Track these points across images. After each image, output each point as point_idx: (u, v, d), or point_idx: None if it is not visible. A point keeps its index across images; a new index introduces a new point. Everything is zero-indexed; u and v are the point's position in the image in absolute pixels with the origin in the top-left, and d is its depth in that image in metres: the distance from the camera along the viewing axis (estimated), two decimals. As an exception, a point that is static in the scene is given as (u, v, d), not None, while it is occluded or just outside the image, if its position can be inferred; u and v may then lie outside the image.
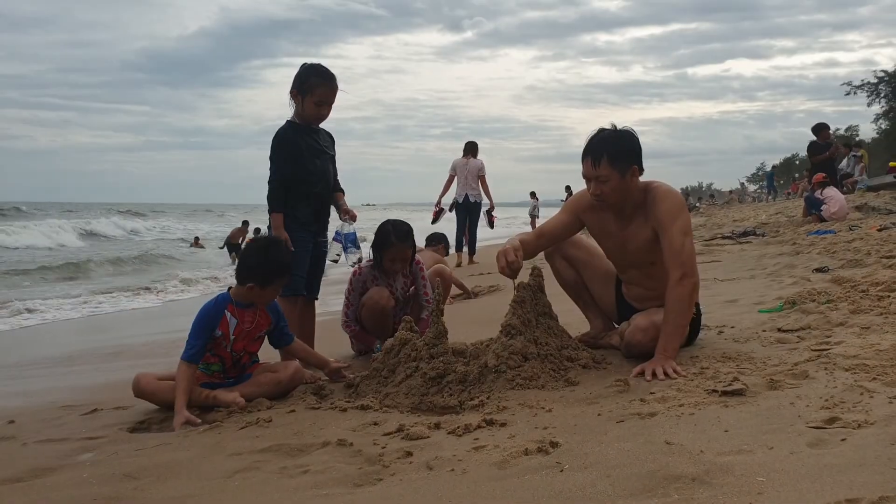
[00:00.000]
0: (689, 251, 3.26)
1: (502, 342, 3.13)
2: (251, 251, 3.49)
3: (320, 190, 4.09)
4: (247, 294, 3.38)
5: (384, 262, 4.31)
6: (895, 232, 8.05)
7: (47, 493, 2.30)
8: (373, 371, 3.36)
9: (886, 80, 38.66)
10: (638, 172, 3.33)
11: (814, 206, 11.74)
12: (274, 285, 3.41)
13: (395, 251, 4.28)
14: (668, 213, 3.28)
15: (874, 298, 4.17)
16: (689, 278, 3.20)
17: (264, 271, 3.37)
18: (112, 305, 9.81)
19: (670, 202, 3.31)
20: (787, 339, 3.47)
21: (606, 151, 3.27)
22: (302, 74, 3.97)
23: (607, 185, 3.29)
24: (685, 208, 3.38)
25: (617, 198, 3.34)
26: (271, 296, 3.46)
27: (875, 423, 2.14)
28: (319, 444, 2.53)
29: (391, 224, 4.34)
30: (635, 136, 3.36)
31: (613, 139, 3.31)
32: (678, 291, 3.19)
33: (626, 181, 3.29)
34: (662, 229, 3.28)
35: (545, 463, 2.10)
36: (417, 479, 2.10)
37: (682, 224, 3.28)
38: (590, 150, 3.31)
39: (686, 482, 1.85)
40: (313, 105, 3.96)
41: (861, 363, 2.81)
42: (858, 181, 19.06)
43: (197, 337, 3.32)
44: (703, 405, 2.50)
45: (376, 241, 4.34)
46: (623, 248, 3.48)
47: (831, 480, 1.77)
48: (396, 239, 4.27)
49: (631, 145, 3.33)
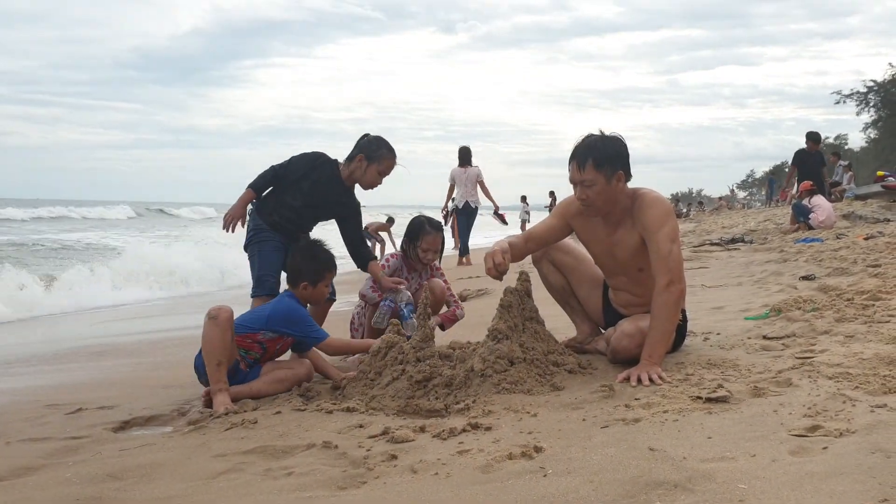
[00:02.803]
0: (677, 258, 3.27)
1: (489, 346, 3.13)
2: (297, 254, 3.79)
3: (298, 227, 4.21)
4: (302, 293, 3.71)
5: (418, 251, 4.46)
6: (882, 241, 8.11)
7: (29, 492, 2.28)
8: (359, 373, 3.36)
9: (876, 90, 38.91)
10: (624, 178, 3.34)
11: (802, 215, 11.81)
12: (325, 280, 3.74)
13: (429, 240, 4.45)
14: (656, 219, 3.30)
15: (859, 307, 4.20)
16: (676, 285, 3.22)
17: (313, 269, 3.70)
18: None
19: (658, 209, 3.33)
20: (771, 347, 3.49)
21: (592, 156, 3.28)
22: (372, 143, 4.21)
23: (593, 190, 3.30)
24: (673, 215, 3.39)
25: (603, 202, 3.35)
26: (323, 292, 3.78)
27: (857, 432, 2.15)
28: (304, 446, 2.53)
29: (425, 217, 4.60)
30: (622, 142, 3.37)
31: (599, 144, 3.32)
32: (665, 298, 3.21)
33: (611, 186, 3.31)
34: (649, 236, 3.30)
35: (529, 468, 2.11)
36: (401, 483, 2.11)
37: (670, 230, 3.29)
38: (576, 154, 3.33)
39: (668, 488, 1.86)
40: (376, 174, 4.20)
41: (844, 371, 2.83)
42: (846, 190, 19.19)
43: (311, 318, 3.65)
44: (688, 412, 2.52)
45: (410, 232, 4.53)
46: (611, 254, 3.49)
47: (812, 489, 1.79)
48: (431, 227, 4.48)
49: (617, 150, 3.34)
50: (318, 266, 3.72)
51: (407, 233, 4.56)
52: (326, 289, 3.80)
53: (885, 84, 38.57)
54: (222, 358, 3.32)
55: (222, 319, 3.34)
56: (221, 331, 3.33)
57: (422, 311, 3.40)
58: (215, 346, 3.32)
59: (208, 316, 3.37)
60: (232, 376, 3.39)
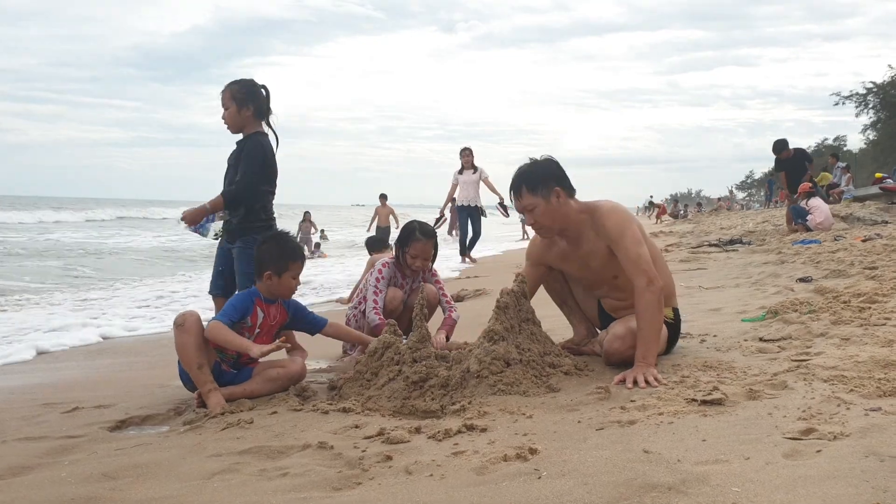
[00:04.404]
0: (646, 258, 3.31)
1: (485, 347, 3.14)
2: (262, 246, 3.68)
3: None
4: (268, 286, 3.57)
5: (406, 258, 4.39)
6: (879, 243, 8.11)
7: (25, 491, 2.29)
8: (356, 374, 3.37)
9: (875, 92, 38.94)
10: (563, 194, 3.40)
11: (799, 216, 11.82)
12: (290, 271, 3.58)
13: (418, 247, 4.37)
14: (616, 227, 3.36)
15: (855, 310, 4.20)
16: (654, 283, 3.25)
17: (276, 256, 3.57)
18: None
19: (615, 217, 3.39)
20: (767, 349, 3.50)
21: (524, 182, 3.40)
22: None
23: (537, 212, 3.40)
24: (632, 219, 3.44)
25: (551, 222, 3.43)
26: (289, 284, 3.61)
27: (851, 435, 2.16)
28: (300, 446, 2.53)
29: (417, 222, 4.51)
30: (553, 161, 3.47)
31: (528, 170, 3.43)
32: (646, 298, 3.24)
33: (552, 204, 3.38)
34: (615, 244, 3.36)
35: (523, 469, 2.11)
36: (396, 484, 2.11)
37: (632, 234, 3.35)
38: (512, 186, 3.46)
39: (662, 491, 1.86)
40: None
41: (839, 374, 2.83)
42: (844, 191, 19.20)
43: (234, 311, 3.49)
44: (683, 414, 2.52)
45: (401, 237, 4.46)
46: (585, 268, 3.56)
47: (805, 492, 1.79)
48: (421, 235, 4.38)
49: (547, 171, 3.42)
50: (282, 253, 3.59)
51: (398, 238, 4.51)
52: (294, 281, 3.63)
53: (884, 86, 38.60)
54: (202, 361, 3.32)
55: (189, 324, 3.35)
56: (191, 335, 3.34)
57: (418, 311, 3.41)
58: (190, 352, 3.32)
59: (175, 325, 3.39)
60: (218, 378, 3.40)
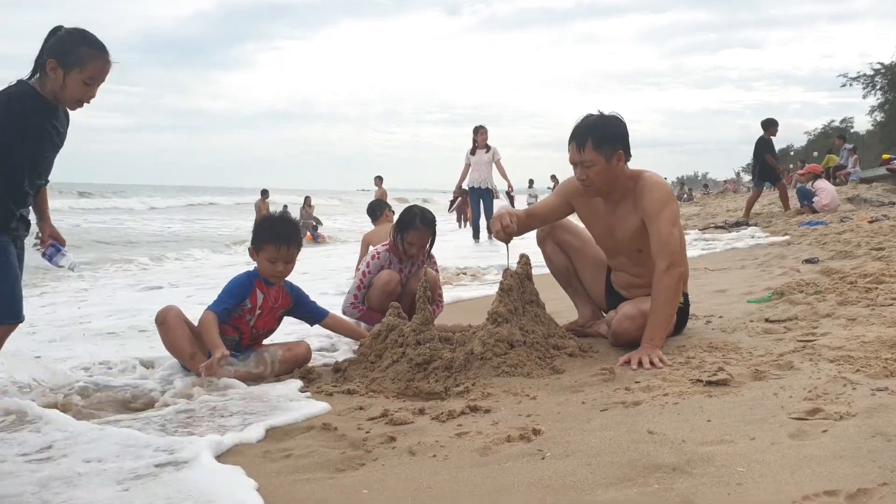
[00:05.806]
0: (677, 241, 3.26)
1: (488, 329, 3.12)
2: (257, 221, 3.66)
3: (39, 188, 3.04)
4: (258, 262, 3.49)
5: (404, 244, 4.33)
6: (886, 224, 8.07)
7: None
8: (360, 356, 3.36)
9: (882, 73, 38.58)
10: (624, 158, 3.32)
11: (805, 198, 11.77)
12: (265, 252, 3.45)
13: (416, 235, 4.30)
14: (657, 202, 3.28)
15: (862, 290, 4.18)
16: (676, 268, 3.20)
17: (255, 233, 3.52)
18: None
19: (658, 192, 3.31)
20: (773, 330, 3.48)
21: (591, 136, 3.27)
22: (65, 41, 2.86)
23: (593, 170, 3.29)
24: (673, 198, 3.39)
25: (603, 183, 3.33)
26: (265, 267, 3.48)
27: (857, 415, 2.15)
28: (304, 427, 2.53)
29: (419, 209, 4.41)
30: (622, 122, 3.35)
31: (599, 124, 3.30)
32: (665, 281, 3.19)
33: (611, 166, 3.29)
34: (650, 219, 3.28)
35: (527, 450, 2.10)
36: (399, 465, 2.10)
37: (670, 213, 3.28)
38: (575, 135, 3.31)
39: (666, 471, 1.85)
40: (80, 83, 2.85)
41: (846, 355, 2.82)
42: (851, 173, 19.11)
43: (229, 297, 3.44)
44: (688, 395, 2.51)
45: (400, 223, 4.37)
46: (611, 234, 3.49)
47: (810, 472, 1.78)
48: (421, 223, 4.30)
49: (616, 130, 3.32)
50: (262, 231, 3.49)
51: (398, 222, 4.42)
52: (271, 264, 3.45)
53: (891, 67, 38.23)
54: (193, 350, 3.30)
55: (170, 320, 3.34)
56: (175, 329, 3.33)
57: (421, 294, 3.39)
58: (179, 345, 3.32)
59: (157, 323, 3.38)
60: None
